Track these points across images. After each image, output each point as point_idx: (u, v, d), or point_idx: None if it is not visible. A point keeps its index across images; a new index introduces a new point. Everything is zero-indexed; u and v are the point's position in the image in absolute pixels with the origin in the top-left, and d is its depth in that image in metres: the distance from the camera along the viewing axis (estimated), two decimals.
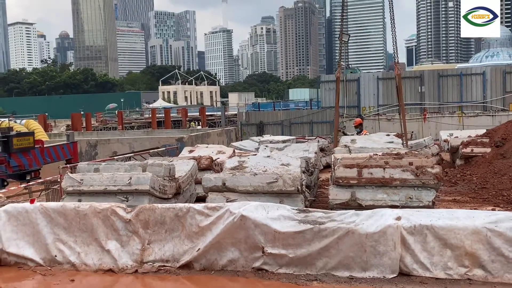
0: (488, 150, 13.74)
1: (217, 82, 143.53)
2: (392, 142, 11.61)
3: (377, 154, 8.02)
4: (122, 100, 72.95)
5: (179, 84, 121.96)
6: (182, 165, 9.29)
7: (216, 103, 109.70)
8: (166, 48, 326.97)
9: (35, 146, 12.98)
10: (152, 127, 41.72)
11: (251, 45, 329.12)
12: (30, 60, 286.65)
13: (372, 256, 5.96)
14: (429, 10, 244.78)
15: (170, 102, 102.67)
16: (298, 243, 6.12)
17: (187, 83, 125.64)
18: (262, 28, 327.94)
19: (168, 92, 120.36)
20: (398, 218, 6.03)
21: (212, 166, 10.45)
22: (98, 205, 6.83)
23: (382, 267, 5.93)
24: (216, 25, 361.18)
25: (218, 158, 11.08)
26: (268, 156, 9.42)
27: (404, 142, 11.97)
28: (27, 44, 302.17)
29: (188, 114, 54.34)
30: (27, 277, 6.48)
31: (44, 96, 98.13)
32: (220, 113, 44.47)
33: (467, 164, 13.90)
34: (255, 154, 11.30)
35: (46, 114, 45.86)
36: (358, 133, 15.26)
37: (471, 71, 27.12)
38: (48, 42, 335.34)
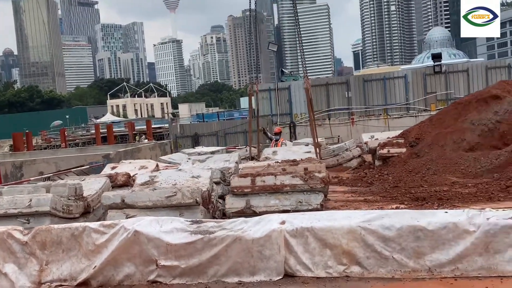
0: (404, 150, 14.40)
1: (167, 94, 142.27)
2: (310, 152, 12.02)
3: (278, 162, 8.38)
4: (67, 116, 71.29)
5: (128, 97, 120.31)
6: (94, 184, 9.35)
7: (167, 115, 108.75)
8: (114, 61, 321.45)
9: None
10: (96, 143, 41.11)
11: (202, 55, 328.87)
12: None
13: (259, 261, 6.24)
14: (372, 15, 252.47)
15: (119, 116, 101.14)
16: (190, 254, 6.34)
17: (136, 96, 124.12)
18: (212, 37, 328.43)
19: (117, 106, 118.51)
20: (283, 223, 6.35)
21: (129, 182, 10.53)
22: None
23: (269, 270, 6.22)
24: (165, 36, 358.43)
25: (137, 174, 11.17)
26: (180, 169, 9.63)
27: (318, 152, 12.42)
28: None
29: (136, 127, 53.77)
30: None
31: None
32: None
33: (385, 164, 14.51)
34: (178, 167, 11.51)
35: None
36: (277, 140, 15.89)
37: (393, 74, 28.39)
38: None
